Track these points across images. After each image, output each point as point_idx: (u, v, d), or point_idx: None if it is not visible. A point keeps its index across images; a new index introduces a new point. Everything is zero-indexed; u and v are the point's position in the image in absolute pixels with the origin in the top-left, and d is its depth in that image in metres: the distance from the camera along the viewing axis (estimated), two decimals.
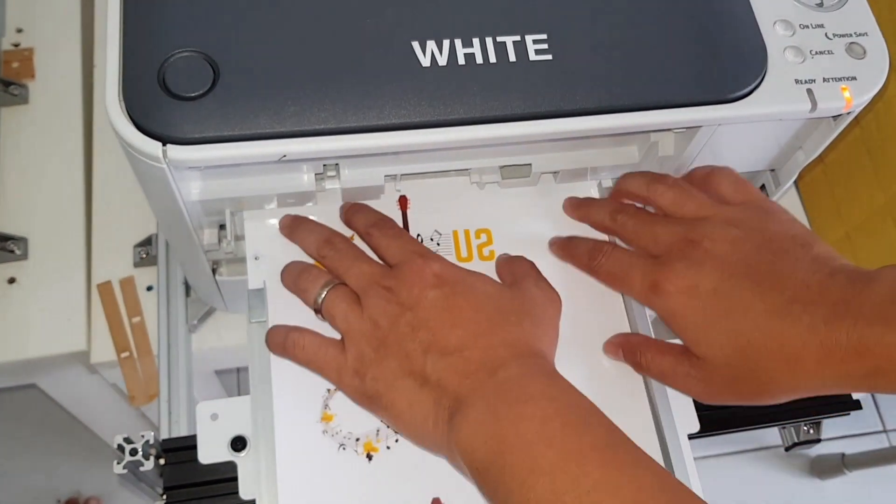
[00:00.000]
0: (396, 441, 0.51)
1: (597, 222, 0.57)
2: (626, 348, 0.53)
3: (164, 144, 0.47)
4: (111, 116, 0.47)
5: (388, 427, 0.51)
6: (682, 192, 0.54)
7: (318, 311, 0.52)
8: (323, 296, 0.51)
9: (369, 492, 0.50)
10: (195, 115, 0.47)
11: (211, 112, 0.47)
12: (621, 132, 0.54)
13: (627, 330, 0.55)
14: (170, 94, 0.47)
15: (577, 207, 0.58)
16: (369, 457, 0.51)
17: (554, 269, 0.56)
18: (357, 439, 0.51)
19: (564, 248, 0.56)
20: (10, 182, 0.74)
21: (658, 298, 0.50)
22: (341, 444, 0.51)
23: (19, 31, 0.81)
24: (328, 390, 0.52)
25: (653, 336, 0.54)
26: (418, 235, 0.57)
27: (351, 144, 0.48)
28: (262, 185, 0.55)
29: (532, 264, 0.54)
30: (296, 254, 0.56)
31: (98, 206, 0.74)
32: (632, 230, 0.54)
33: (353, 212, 0.56)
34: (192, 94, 0.47)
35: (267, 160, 0.48)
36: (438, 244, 0.57)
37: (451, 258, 0.55)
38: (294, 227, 0.56)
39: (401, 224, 0.57)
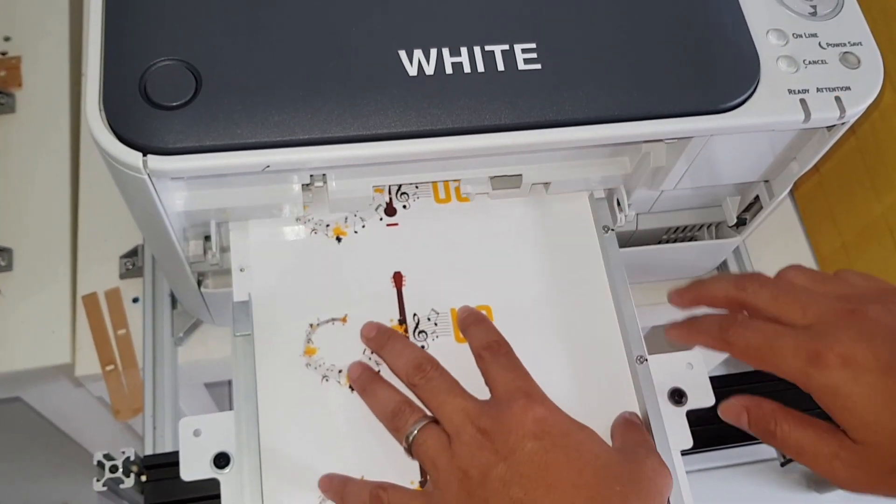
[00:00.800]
0: (378, 371, 0.52)
1: (717, 296, 0.49)
2: (756, 414, 0.46)
3: (144, 154, 0.46)
4: (91, 126, 0.46)
5: (370, 359, 0.52)
6: (813, 274, 0.47)
7: (408, 450, 0.48)
8: (413, 434, 0.47)
9: (352, 421, 0.51)
10: (176, 125, 0.46)
11: (192, 121, 0.46)
12: (612, 143, 0.53)
13: (621, 348, 0.54)
14: (151, 103, 0.46)
15: (688, 289, 0.50)
16: (352, 388, 0.52)
17: (551, 331, 0.55)
18: (339, 371, 0.52)
19: (688, 328, 0.49)
20: None
21: (818, 372, 0.42)
22: (324, 377, 0.52)
23: (7, 39, 0.80)
24: (311, 325, 0.53)
25: (646, 353, 0.53)
26: (414, 315, 0.54)
27: (336, 154, 0.48)
28: (248, 195, 0.55)
29: (648, 436, 0.49)
30: (284, 268, 0.55)
31: (84, 216, 0.73)
32: (769, 298, 0.46)
33: (471, 322, 0.52)
34: (174, 104, 0.46)
35: (250, 170, 0.47)
36: (436, 324, 0.54)
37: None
38: (381, 343, 0.51)
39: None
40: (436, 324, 0.54)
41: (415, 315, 0.54)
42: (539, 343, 0.54)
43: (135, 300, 0.70)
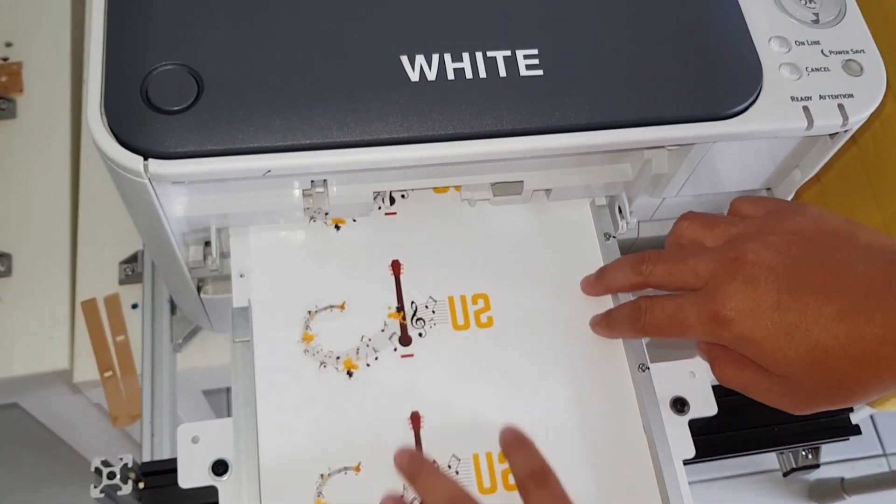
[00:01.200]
0: (376, 359, 0.52)
1: (622, 285, 0.53)
2: (708, 357, 0.50)
3: (145, 159, 0.46)
4: (92, 130, 0.46)
5: (367, 346, 0.53)
6: (702, 222, 0.50)
7: None
8: None
9: (350, 407, 0.51)
10: (178, 129, 0.46)
11: (194, 126, 0.46)
12: (614, 149, 0.53)
13: (622, 355, 0.54)
14: (152, 107, 0.46)
15: (595, 280, 0.55)
16: (349, 374, 0.52)
17: (551, 320, 0.55)
18: (338, 357, 0.52)
19: (605, 325, 0.54)
20: None
21: (722, 329, 0.46)
22: (322, 363, 0.52)
23: (8, 45, 0.80)
24: (309, 312, 0.53)
25: (648, 362, 0.53)
26: (412, 303, 0.54)
27: (338, 160, 0.47)
28: (249, 200, 0.54)
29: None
30: (285, 275, 0.55)
31: (84, 222, 0.73)
32: (663, 274, 0.49)
33: (514, 447, 0.50)
34: (176, 108, 0.46)
35: (251, 175, 0.47)
36: (434, 311, 0.54)
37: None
38: (413, 474, 0.49)
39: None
40: (433, 311, 0.54)
41: (412, 303, 0.54)
42: (539, 349, 0.54)
43: (134, 306, 0.70)
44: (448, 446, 0.51)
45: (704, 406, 0.54)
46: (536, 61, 0.50)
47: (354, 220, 0.57)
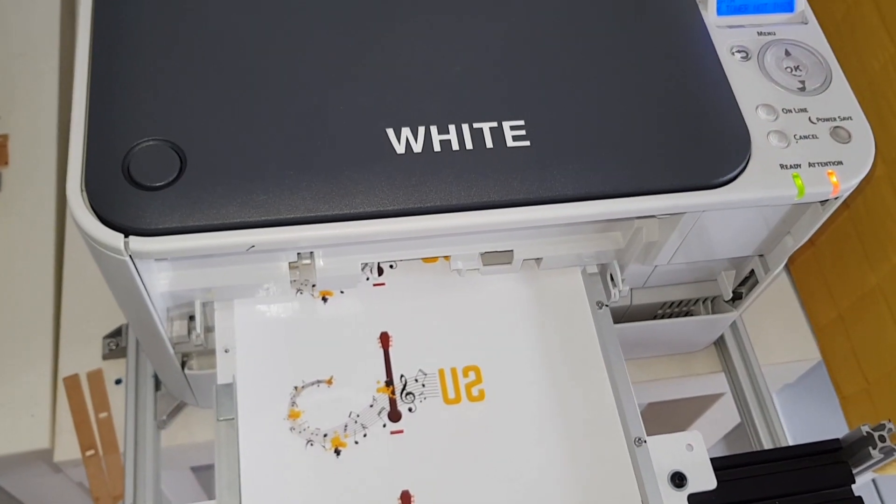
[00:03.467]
0: (364, 436, 0.51)
1: None
2: None
3: (126, 236, 0.45)
4: (71, 206, 0.45)
5: (355, 422, 0.51)
6: None
7: None
8: None
9: (338, 487, 0.49)
10: (159, 205, 0.45)
11: (176, 201, 0.45)
12: (603, 219, 0.52)
13: (618, 429, 0.52)
14: (134, 183, 0.46)
15: None
16: (337, 452, 0.50)
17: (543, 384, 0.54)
18: (325, 435, 0.51)
19: None
20: None
21: None
22: (308, 441, 0.50)
23: None
24: (295, 387, 0.52)
25: (644, 435, 0.52)
26: (402, 377, 0.53)
27: (323, 234, 0.47)
28: (234, 274, 0.53)
29: None
30: (272, 350, 0.53)
31: (68, 295, 0.72)
32: None
33: None
34: (157, 184, 0.46)
35: (235, 251, 0.46)
36: (424, 385, 0.53)
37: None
38: None
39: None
40: (423, 385, 0.53)
41: (402, 376, 0.53)
42: (532, 423, 0.53)
43: (117, 381, 0.68)
44: None
45: (703, 480, 0.52)
46: (523, 132, 0.49)
47: (342, 292, 0.56)
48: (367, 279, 0.56)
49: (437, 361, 0.54)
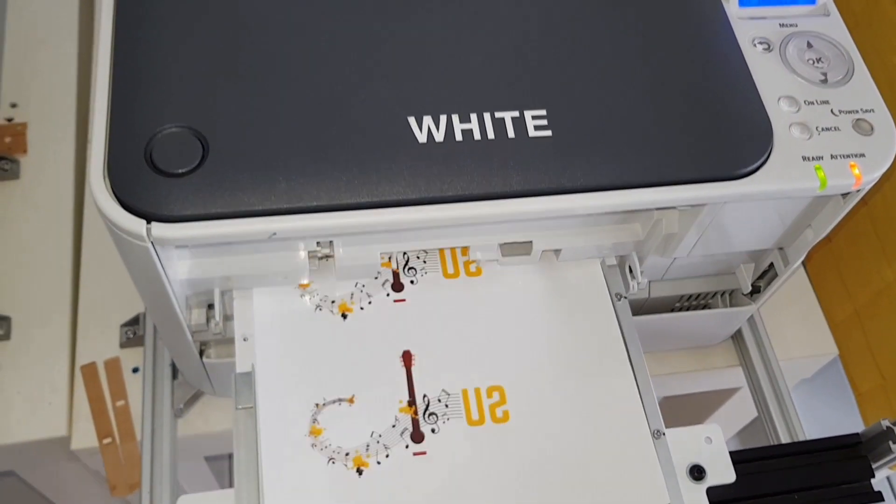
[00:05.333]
0: (387, 456, 0.50)
1: None
2: None
3: (148, 222, 0.45)
4: (94, 193, 0.45)
5: (377, 442, 0.50)
6: None
7: None
8: None
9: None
10: (182, 192, 0.45)
11: (198, 188, 0.45)
12: (624, 210, 0.52)
13: (639, 421, 0.52)
14: (156, 170, 0.46)
15: None
16: (359, 471, 0.49)
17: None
18: (346, 454, 0.50)
19: None
20: None
21: None
22: (330, 458, 0.49)
23: (13, 105, 0.80)
24: (317, 404, 0.51)
25: (663, 427, 0.52)
26: (424, 397, 0.52)
27: (344, 222, 0.47)
28: (253, 263, 0.54)
29: None
30: (288, 341, 0.53)
31: (86, 283, 0.72)
32: None
33: None
34: (180, 171, 0.46)
35: (256, 238, 0.46)
36: (447, 405, 0.52)
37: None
38: None
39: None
40: (447, 405, 0.52)
41: (424, 396, 0.52)
42: (555, 420, 0.52)
43: (135, 370, 0.68)
44: None
45: (722, 473, 0.52)
46: (545, 122, 0.49)
47: (362, 308, 0.55)
48: (388, 295, 0.56)
49: (461, 381, 0.53)
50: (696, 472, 0.52)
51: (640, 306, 0.64)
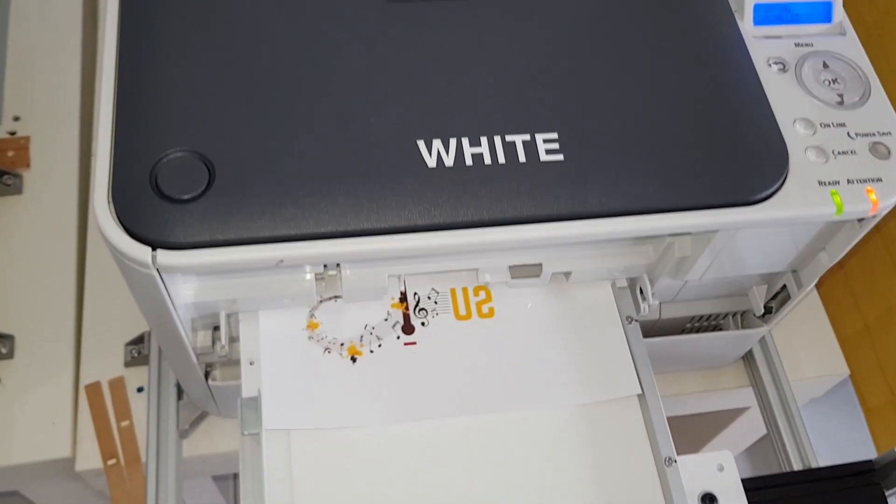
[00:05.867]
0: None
1: None
2: None
3: (153, 249, 0.44)
4: (99, 219, 0.45)
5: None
6: None
7: None
8: None
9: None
10: (187, 218, 0.45)
11: (204, 215, 0.45)
12: (637, 235, 0.51)
13: (648, 448, 0.51)
14: (162, 196, 0.45)
15: None
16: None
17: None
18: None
19: None
20: (0, 276, 0.71)
21: None
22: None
23: (16, 118, 0.80)
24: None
25: (675, 455, 0.51)
26: (415, 294, 0.55)
27: (352, 249, 0.46)
28: (260, 285, 0.53)
29: None
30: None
31: (90, 301, 0.71)
32: None
33: None
34: (186, 196, 0.45)
35: (264, 266, 0.45)
36: (436, 302, 0.55)
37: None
38: None
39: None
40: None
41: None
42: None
43: (139, 389, 0.68)
44: None
45: (734, 502, 0.51)
46: (556, 145, 0.48)
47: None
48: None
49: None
50: (709, 501, 0.51)
51: (650, 327, 0.63)
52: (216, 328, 0.55)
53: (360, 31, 0.51)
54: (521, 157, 0.48)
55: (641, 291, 0.57)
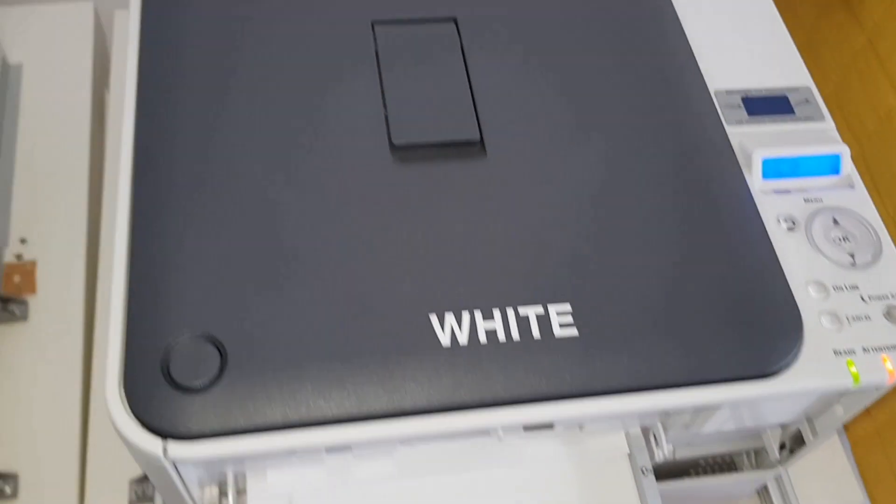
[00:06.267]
0: None
1: None
2: None
3: (164, 438, 0.44)
4: (110, 408, 0.44)
5: None
6: None
7: None
8: None
9: None
10: (200, 408, 0.44)
11: (217, 403, 0.44)
12: (650, 410, 0.51)
13: None
14: (174, 384, 0.45)
15: None
16: None
17: None
18: None
19: None
20: (3, 409, 0.71)
21: None
22: None
23: (23, 241, 0.79)
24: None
25: None
26: None
27: (366, 435, 0.45)
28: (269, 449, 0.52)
29: None
30: None
31: (95, 434, 0.70)
32: None
33: None
34: (198, 385, 0.44)
35: (277, 454, 0.45)
36: None
37: None
38: None
39: None
40: None
41: None
42: None
43: None
44: None
45: None
46: (570, 319, 0.48)
47: None
48: None
49: None
50: None
51: (663, 465, 0.62)
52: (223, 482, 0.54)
53: (367, 195, 0.51)
54: (536, 334, 0.47)
55: (655, 437, 0.57)
